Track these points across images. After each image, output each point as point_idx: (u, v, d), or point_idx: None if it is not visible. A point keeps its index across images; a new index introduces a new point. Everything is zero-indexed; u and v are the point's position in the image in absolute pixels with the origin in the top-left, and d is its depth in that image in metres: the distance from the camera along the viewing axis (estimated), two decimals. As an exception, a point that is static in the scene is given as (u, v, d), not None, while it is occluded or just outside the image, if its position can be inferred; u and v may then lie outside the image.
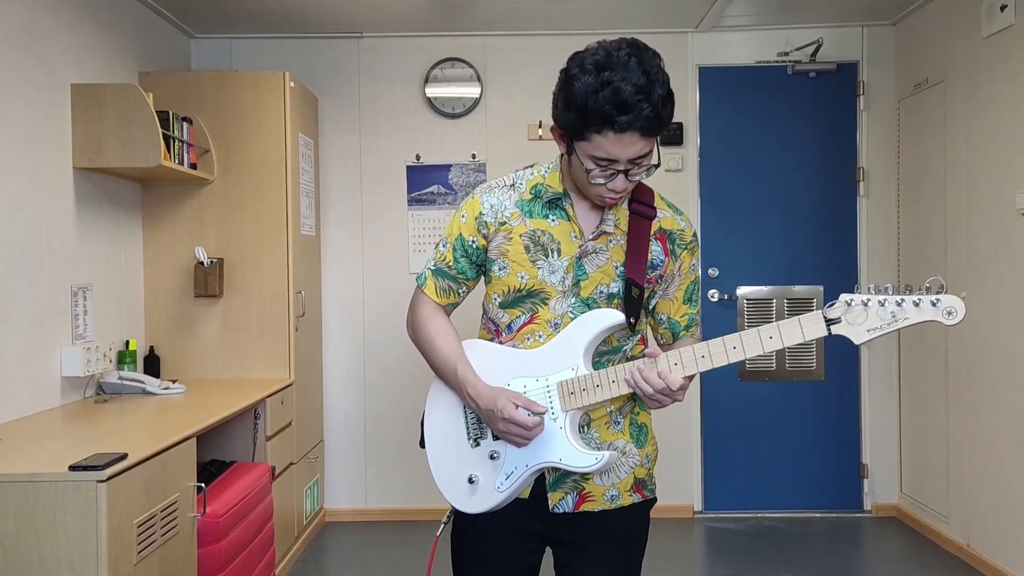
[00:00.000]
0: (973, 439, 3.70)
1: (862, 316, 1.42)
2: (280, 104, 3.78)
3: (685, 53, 4.48)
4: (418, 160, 4.48)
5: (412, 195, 4.49)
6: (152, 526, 2.29)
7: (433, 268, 1.73)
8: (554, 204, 1.65)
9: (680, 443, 4.51)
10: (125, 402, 3.16)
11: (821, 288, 4.44)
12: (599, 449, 1.66)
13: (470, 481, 1.64)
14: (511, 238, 1.65)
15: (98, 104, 3.17)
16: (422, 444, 1.75)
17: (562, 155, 1.65)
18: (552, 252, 1.64)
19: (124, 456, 2.16)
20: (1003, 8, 3.39)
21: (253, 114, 3.77)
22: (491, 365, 1.65)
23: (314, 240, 4.31)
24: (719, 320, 4.48)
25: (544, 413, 1.57)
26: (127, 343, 3.56)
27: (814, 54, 4.43)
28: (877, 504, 4.50)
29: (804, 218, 4.46)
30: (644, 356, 1.60)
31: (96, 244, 3.37)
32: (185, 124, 3.59)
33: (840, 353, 4.47)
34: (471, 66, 4.44)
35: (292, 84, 3.84)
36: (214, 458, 3.29)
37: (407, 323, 1.79)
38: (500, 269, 1.67)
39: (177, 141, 3.49)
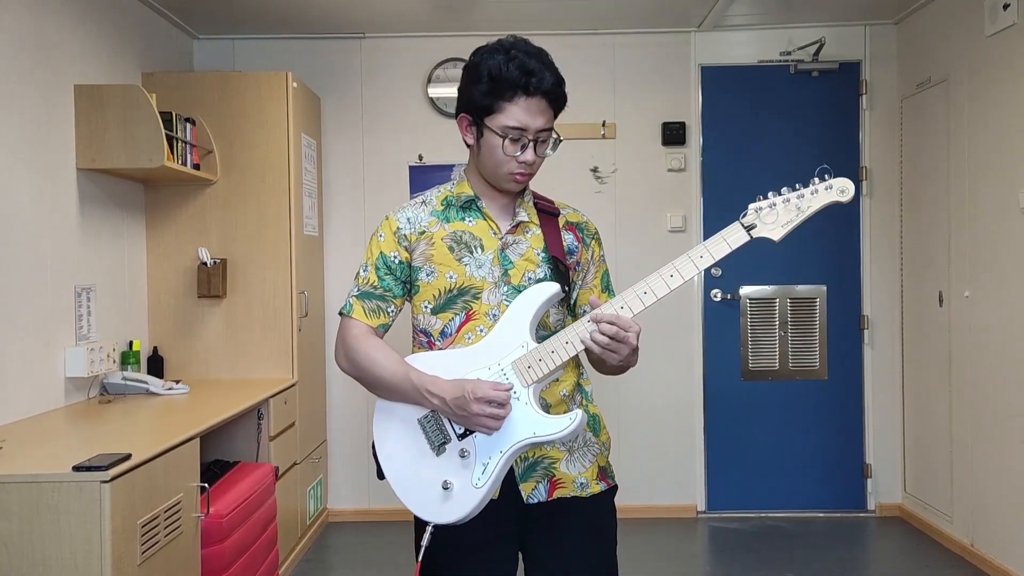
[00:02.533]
0: (977, 439, 3.69)
1: (772, 216, 1.59)
2: (283, 104, 3.78)
3: (687, 53, 4.48)
4: (420, 160, 4.48)
5: (415, 195, 4.48)
6: (156, 526, 2.29)
7: (357, 294, 1.74)
8: (468, 207, 1.74)
9: (683, 443, 4.50)
10: (129, 402, 3.16)
11: (824, 287, 4.44)
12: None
13: (444, 488, 1.60)
14: (433, 243, 1.71)
15: (101, 105, 3.18)
16: (380, 476, 1.70)
17: (464, 167, 1.79)
18: (475, 248, 1.70)
19: (128, 456, 2.16)
20: (1006, 7, 3.38)
21: (256, 114, 3.78)
22: (438, 371, 1.64)
23: (317, 240, 4.31)
24: (723, 319, 4.48)
25: (511, 389, 1.57)
26: (130, 344, 3.56)
27: (816, 53, 4.42)
28: (881, 504, 4.49)
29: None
30: (588, 311, 1.67)
31: (99, 245, 3.37)
32: (188, 125, 3.59)
33: (843, 352, 4.47)
34: (473, 66, 4.44)
35: (295, 84, 3.84)
36: (217, 458, 3.29)
37: (337, 355, 1.78)
38: (428, 275, 1.70)
39: (180, 142, 3.50)
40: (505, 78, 1.61)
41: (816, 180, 1.58)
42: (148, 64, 3.82)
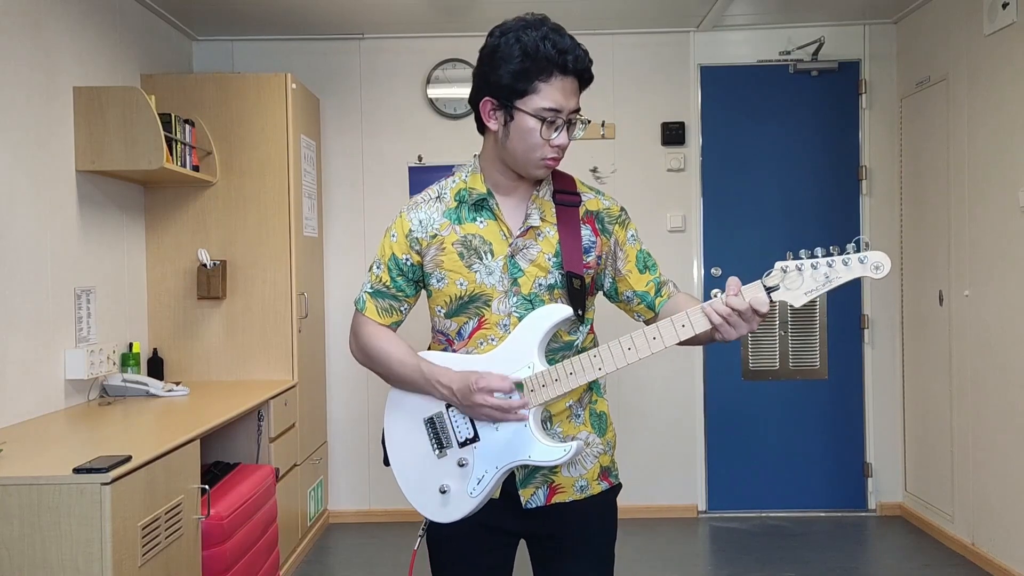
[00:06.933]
0: (978, 437, 3.69)
1: (798, 281, 1.49)
2: (282, 106, 3.78)
3: (687, 52, 4.48)
4: (420, 161, 4.48)
5: (414, 196, 4.48)
6: (156, 528, 2.29)
7: (371, 291, 1.73)
8: (480, 205, 1.69)
9: (684, 443, 4.50)
10: (129, 404, 3.16)
11: (824, 287, 4.43)
12: (564, 442, 1.65)
13: (442, 491, 1.64)
14: (444, 248, 1.68)
15: (100, 107, 3.18)
16: (386, 462, 1.75)
17: (479, 155, 1.72)
18: (485, 254, 1.66)
19: (128, 458, 2.16)
20: (1005, 6, 3.38)
21: (255, 116, 3.78)
22: None
23: (317, 241, 4.31)
24: (722, 319, 4.47)
25: (523, 405, 1.56)
26: (131, 345, 3.56)
27: (816, 53, 4.42)
28: (881, 503, 4.49)
29: (807, 217, 4.45)
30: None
31: (99, 247, 3.37)
32: (187, 126, 3.60)
33: (844, 352, 4.47)
34: (472, 67, 4.44)
35: (294, 86, 3.84)
36: (218, 460, 3.29)
37: (352, 348, 1.79)
38: (438, 281, 1.69)
39: (179, 143, 3.50)
40: (543, 55, 1.56)
41: (851, 249, 1.46)
42: (147, 66, 3.82)
